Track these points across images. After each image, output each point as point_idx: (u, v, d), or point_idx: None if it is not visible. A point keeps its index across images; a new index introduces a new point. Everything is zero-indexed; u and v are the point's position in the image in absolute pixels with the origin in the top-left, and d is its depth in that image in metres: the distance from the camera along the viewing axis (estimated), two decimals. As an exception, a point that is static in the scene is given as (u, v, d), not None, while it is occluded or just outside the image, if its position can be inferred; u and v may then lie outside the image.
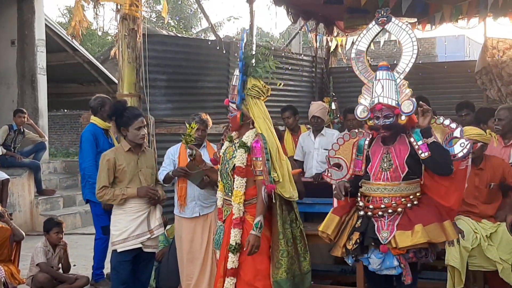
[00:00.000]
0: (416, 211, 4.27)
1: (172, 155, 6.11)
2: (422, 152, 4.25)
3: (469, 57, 25.71)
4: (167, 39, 8.45)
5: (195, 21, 32.53)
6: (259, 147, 4.59)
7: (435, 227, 4.17)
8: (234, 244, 4.58)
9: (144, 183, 5.32)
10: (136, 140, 5.28)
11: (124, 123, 5.24)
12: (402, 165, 4.33)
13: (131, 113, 5.30)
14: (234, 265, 4.59)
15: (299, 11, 9.27)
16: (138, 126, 5.24)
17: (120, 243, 5.19)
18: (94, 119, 6.81)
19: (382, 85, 4.31)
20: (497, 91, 8.38)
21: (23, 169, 10.75)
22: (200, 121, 5.87)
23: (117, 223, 5.25)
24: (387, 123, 4.32)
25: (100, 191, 5.21)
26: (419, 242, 4.13)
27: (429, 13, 7.95)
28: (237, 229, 4.60)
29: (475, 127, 5.71)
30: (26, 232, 10.31)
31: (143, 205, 5.31)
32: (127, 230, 5.19)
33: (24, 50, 12.10)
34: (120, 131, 5.32)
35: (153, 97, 7.19)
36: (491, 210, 5.52)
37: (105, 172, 5.21)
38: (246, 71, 4.62)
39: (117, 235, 5.21)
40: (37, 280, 6.47)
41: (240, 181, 4.61)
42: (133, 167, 5.28)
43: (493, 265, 5.28)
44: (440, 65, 11.20)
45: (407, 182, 4.34)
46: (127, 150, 5.29)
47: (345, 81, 10.34)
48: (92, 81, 16.14)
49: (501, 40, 8.61)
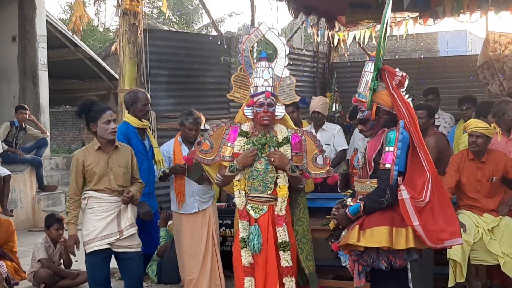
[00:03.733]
0: (374, 213, 4.10)
1: (167, 152, 6.08)
2: (385, 161, 4.02)
3: (471, 51, 25.63)
4: (168, 34, 8.46)
5: (196, 17, 32.49)
6: (299, 142, 4.56)
7: (381, 230, 4.00)
8: (284, 242, 4.45)
9: (113, 183, 4.97)
10: (106, 135, 4.96)
11: (92, 118, 4.96)
12: (370, 163, 4.19)
13: (99, 106, 5.01)
14: (289, 263, 4.45)
15: (300, 6, 9.25)
16: (107, 119, 4.93)
17: (88, 244, 4.90)
18: (127, 116, 6.09)
19: (364, 78, 4.21)
20: (499, 85, 8.35)
21: (25, 165, 10.76)
22: (195, 122, 5.86)
23: (86, 223, 4.96)
24: (360, 116, 4.26)
25: (68, 198, 5.02)
26: (351, 242, 4.06)
27: (430, 7, 7.93)
28: (283, 227, 4.47)
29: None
30: (28, 228, 10.40)
31: (113, 205, 4.97)
32: (94, 231, 4.89)
33: (25, 46, 12.08)
34: (90, 128, 5.03)
35: (154, 93, 7.19)
36: (493, 204, 5.51)
37: (73, 174, 4.99)
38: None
39: (85, 235, 4.92)
40: (39, 275, 6.48)
41: (284, 176, 4.48)
42: (102, 167, 4.95)
43: (495, 259, 5.27)
44: (442, 60, 11.19)
45: (373, 180, 4.14)
46: (97, 149, 5.00)
47: (347, 76, 10.33)
48: (93, 77, 16.16)
49: (503, 34, 8.58)
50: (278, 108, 4.59)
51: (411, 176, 4.03)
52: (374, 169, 4.15)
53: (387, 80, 4.12)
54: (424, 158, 4.01)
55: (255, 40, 4.66)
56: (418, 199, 3.95)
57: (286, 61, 4.66)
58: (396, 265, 4.02)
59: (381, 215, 4.05)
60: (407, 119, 4.03)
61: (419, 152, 4.01)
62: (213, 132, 4.66)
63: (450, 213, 4.11)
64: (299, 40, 13.03)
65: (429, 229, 3.96)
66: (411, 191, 3.95)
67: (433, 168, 4.08)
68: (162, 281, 6.54)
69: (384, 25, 4.10)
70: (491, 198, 5.52)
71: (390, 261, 4.02)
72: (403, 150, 4.02)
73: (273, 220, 4.48)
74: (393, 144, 4.00)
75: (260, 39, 4.65)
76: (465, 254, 5.21)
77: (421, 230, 3.90)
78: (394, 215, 4.01)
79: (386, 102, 4.15)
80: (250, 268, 4.42)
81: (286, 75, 4.66)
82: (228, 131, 4.61)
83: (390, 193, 3.97)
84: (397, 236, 3.98)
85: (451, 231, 4.02)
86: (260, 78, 4.49)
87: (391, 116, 4.16)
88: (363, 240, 4.04)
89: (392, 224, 4.01)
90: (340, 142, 7.10)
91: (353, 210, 4.15)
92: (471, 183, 5.52)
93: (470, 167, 5.53)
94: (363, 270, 4.22)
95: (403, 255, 4.03)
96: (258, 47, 5.04)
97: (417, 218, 3.90)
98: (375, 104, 4.16)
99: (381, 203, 4.02)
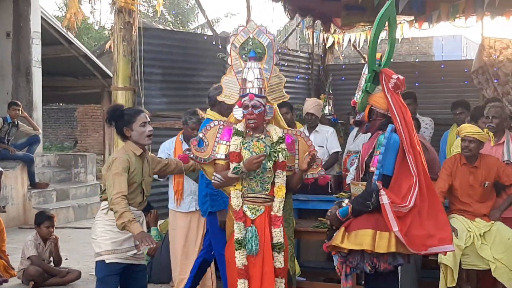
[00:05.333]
0: (361, 216, 4.11)
1: (168, 149, 6.09)
2: (372, 164, 4.03)
3: (466, 56, 25.78)
4: (163, 33, 8.42)
5: (192, 17, 32.46)
6: (292, 143, 4.54)
7: (365, 233, 4.01)
8: (279, 243, 4.40)
9: (146, 194, 4.70)
10: (142, 139, 4.57)
11: (126, 122, 4.56)
12: (362, 165, 4.19)
13: (132, 110, 4.70)
14: (281, 264, 4.41)
15: (296, 8, 9.24)
16: (143, 121, 4.57)
17: (109, 254, 4.56)
18: (210, 113, 5.57)
19: (361, 80, 4.23)
20: (493, 90, 8.37)
21: (16, 162, 10.73)
22: (198, 122, 5.83)
23: (104, 233, 4.59)
24: (357, 118, 4.27)
25: (117, 198, 4.32)
26: (335, 244, 4.08)
27: (426, 12, 7.93)
28: (280, 228, 4.42)
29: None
30: (19, 225, 10.36)
31: (136, 218, 4.53)
32: (115, 242, 4.56)
33: (19, 42, 12.03)
34: (123, 133, 4.60)
35: (148, 91, 7.16)
36: (485, 209, 5.51)
37: (123, 176, 4.43)
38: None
39: (105, 245, 4.56)
40: (28, 273, 6.45)
41: (283, 176, 4.44)
42: (139, 176, 4.59)
43: (486, 264, 5.26)
44: (437, 64, 11.19)
45: (364, 183, 4.15)
46: (139, 154, 4.60)
47: (341, 79, 10.31)
48: (87, 75, 16.10)
49: (498, 40, 8.60)
50: (267, 109, 4.54)
51: (397, 180, 4.02)
52: (365, 171, 4.15)
53: (383, 82, 4.11)
54: (413, 163, 4.00)
55: (244, 38, 4.61)
56: (400, 205, 3.93)
57: (275, 59, 4.61)
58: (381, 268, 4.02)
59: (367, 218, 4.06)
60: (400, 121, 4.02)
61: (407, 156, 4.00)
62: (207, 131, 4.63)
63: (442, 219, 4.10)
64: (295, 41, 13.03)
65: (414, 234, 3.95)
66: (393, 196, 3.94)
67: (426, 173, 4.07)
68: (152, 281, 6.51)
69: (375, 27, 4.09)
70: (483, 203, 5.52)
71: (374, 264, 4.02)
72: (389, 154, 4.01)
73: (270, 221, 4.45)
74: (380, 148, 4.01)
75: (248, 37, 4.60)
76: (456, 259, 5.20)
77: (400, 236, 3.90)
78: (379, 218, 4.01)
79: (380, 104, 4.14)
80: (243, 270, 4.35)
81: (275, 74, 4.60)
82: (222, 129, 4.58)
83: (376, 196, 3.97)
84: (379, 240, 3.98)
85: (441, 237, 4.01)
86: (246, 79, 4.45)
87: (386, 118, 4.15)
88: (346, 242, 4.06)
89: (376, 227, 4.01)
90: (333, 144, 7.09)
91: (342, 212, 4.16)
92: (463, 187, 5.52)
93: (462, 171, 5.54)
94: (351, 272, 4.22)
95: (388, 259, 4.03)
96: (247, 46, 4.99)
97: (397, 223, 3.89)
98: (368, 106, 4.16)
99: (367, 206, 4.03)
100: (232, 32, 6.53)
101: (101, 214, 4.64)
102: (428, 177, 4.12)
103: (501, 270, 5.20)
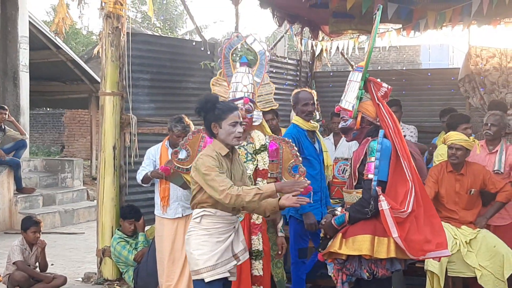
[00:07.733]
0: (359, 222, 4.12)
1: (153, 156, 6.08)
2: (368, 171, 4.05)
3: (453, 65, 25.90)
4: (151, 38, 8.41)
5: (180, 23, 32.50)
6: (276, 150, 4.53)
7: (363, 238, 4.02)
8: (257, 251, 4.43)
9: None
10: (229, 139, 4.11)
11: (216, 117, 4.11)
12: (354, 173, 4.21)
13: (226, 105, 4.21)
14: (259, 272, 4.44)
15: (284, 15, 9.26)
16: (234, 121, 4.10)
17: (209, 271, 4.05)
18: (296, 119, 5.48)
19: (348, 87, 4.26)
20: (479, 99, 8.42)
21: (2, 167, 10.66)
22: (183, 130, 5.83)
23: (201, 246, 4.09)
24: (343, 125, 4.28)
25: (227, 193, 3.92)
26: (333, 250, 4.09)
27: (413, 19, 7.98)
28: (258, 235, 4.44)
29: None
30: (5, 230, 10.29)
31: (231, 225, 4.18)
32: (214, 255, 4.06)
33: (6, 46, 11.99)
34: (211, 129, 4.17)
35: (136, 97, 7.14)
36: (471, 216, 5.54)
37: (218, 173, 4.01)
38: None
39: (204, 261, 4.06)
40: (13, 278, 6.40)
41: (264, 184, 4.42)
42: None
43: (472, 271, 5.29)
44: (424, 72, 11.24)
45: (358, 191, 4.16)
46: (225, 154, 4.15)
47: (329, 86, 10.34)
48: (75, 80, 16.04)
49: (485, 49, 8.65)
50: (256, 114, 4.56)
51: (393, 186, 4.04)
52: (358, 179, 4.16)
53: (373, 91, 4.15)
54: (407, 168, 4.03)
55: (236, 44, 4.64)
56: (399, 210, 3.96)
57: (266, 67, 4.64)
58: (378, 275, 4.03)
59: (364, 224, 4.07)
60: (391, 129, 4.06)
61: (403, 161, 4.03)
62: (189, 140, 4.62)
63: (437, 224, 4.13)
64: (283, 48, 13.04)
65: (412, 239, 3.97)
66: (392, 201, 3.97)
67: (418, 178, 4.10)
68: (138, 287, 6.49)
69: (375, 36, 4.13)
70: (469, 211, 5.55)
71: (372, 270, 4.03)
72: (383, 160, 4.04)
73: (249, 228, 4.45)
74: (375, 154, 4.03)
75: (241, 44, 4.63)
76: (443, 266, 5.22)
77: (400, 241, 3.92)
78: (377, 224, 4.03)
79: (370, 112, 4.19)
80: None
81: (266, 82, 4.63)
82: (204, 137, 4.57)
83: (374, 203, 3.99)
84: (378, 245, 4.00)
85: (438, 242, 4.04)
86: (240, 83, 4.46)
87: (374, 126, 4.20)
88: (344, 248, 4.06)
89: (374, 233, 4.03)
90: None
91: (338, 220, 4.17)
92: (449, 195, 5.55)
93: (449, 179, 5.57)
94: (347, 280, 4.23)
95: (385, 264, 4.04)
96: (239, 51, 5.03)
97: (396, 229, 3.91)
98: (360, 113, 4.19)
99: (365, 213, 4.05)
100: (222, 38, 6.55)
101: (194, 223, 4.18)
102: (421, 182, 4.16)
103: (486, 277, 5.23)
